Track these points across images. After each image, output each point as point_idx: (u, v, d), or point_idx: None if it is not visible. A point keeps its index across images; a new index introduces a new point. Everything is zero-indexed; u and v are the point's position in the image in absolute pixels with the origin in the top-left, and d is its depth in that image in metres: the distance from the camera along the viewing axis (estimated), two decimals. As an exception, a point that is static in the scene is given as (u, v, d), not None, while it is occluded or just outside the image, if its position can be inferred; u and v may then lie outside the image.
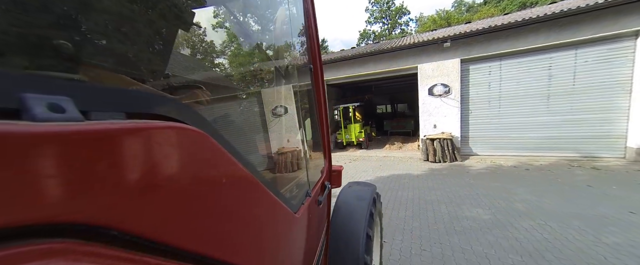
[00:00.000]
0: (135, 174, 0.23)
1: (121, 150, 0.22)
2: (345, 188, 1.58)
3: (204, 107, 0.62)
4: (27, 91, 0.18)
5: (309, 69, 1.18)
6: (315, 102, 1.27)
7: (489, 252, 2.31)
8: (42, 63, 0.25)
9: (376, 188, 1.65)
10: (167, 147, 0.27)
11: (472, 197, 3.82)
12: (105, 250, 0.21)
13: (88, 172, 0.19)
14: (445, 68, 6.85)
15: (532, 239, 2.49)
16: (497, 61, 6.42)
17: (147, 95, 0.34)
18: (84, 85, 0.27)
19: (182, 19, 0.45)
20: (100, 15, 0.30)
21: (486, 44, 6.31)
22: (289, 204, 0.68)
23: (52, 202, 0.17)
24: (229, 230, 0.39)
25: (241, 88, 1.05)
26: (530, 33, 5.82)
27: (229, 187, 0.38)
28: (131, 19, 0.34)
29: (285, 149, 1.08)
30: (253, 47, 0.86)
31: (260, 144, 1.07)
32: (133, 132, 0.23)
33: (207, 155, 0.33)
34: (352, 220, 1.26)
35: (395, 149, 9.16)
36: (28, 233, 0.17)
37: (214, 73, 1.06)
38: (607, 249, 2.23)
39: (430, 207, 3.53)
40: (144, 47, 0.38)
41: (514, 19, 6.07)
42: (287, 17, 1.03)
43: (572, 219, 2.88)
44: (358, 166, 6.73)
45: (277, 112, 1.15)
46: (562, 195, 3.64)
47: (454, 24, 21.73)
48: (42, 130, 0.17)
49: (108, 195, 0.21)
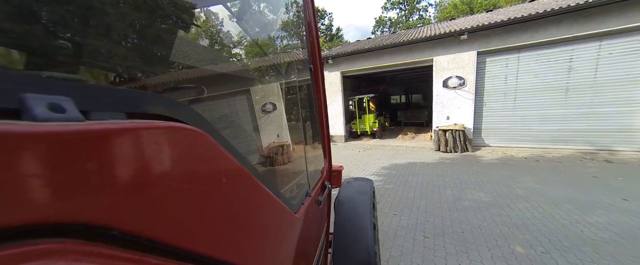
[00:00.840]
0: (135, 174, 0.23)
1: (121, 150, 0.22)
2: (344, 185, 1.60)
3: (204, 107, 0.61)
4: (27, 91, 0.18)
5: (309, 69, 1.17)
6: (316, 102, 1.26)
7: (482, 224, 2.77)
8: (42, 63, 0.25)
9: (373, 182, 1.69)
10: (167, 147, 0.27)
11: (477, 183, 4.20)
12: (105, 250, 0.21)
13: (88, 172, 0.19)
14: (461, 60, 6.95)
15: (522, 217, 2.90)
16: (515, 53, 6.42)
17: (147, 95, 0.34)
18: (84, 85, 0.27)
19: (182, 19, 0.45)
20: (101, 15, 0.30)
21: (505, 36, 6.31)
22: (289, 204, 0.68)
23: (52, 202, 0.18)
24: (228, 230, 0.39)
25: (241, 87, 1.05)
26: (551, 25, 5.76)
27: (229, 187, 0.38)
28: (131, 18, 0.35)
29: (285, 148, 1.10)
30: (253, 47, 0.88)
31: (259, 144, 1.08)
32: (133, 132, 0.23)
33: (207, 155, 0.33)
34: (358, 214, 1.27)
35: (408, 139, 9.47)
36: (28, 233, 0.17)
37: (214, 73, 0.92)
38: (587, 225, 2.61)
39: (437, 190, 3.99)
40: (144, 47, 0.39)
41: (536, 10, 6.00)
42: (287, 17, 1.03)
43: (565, 203, 3.23)
44: (372, 155, 7.20)
45: (266, 109, 1.19)
46: (565, 184, 3.93)
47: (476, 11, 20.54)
48: (42, 130, 0.17)
49: (108, 195, 0.21)
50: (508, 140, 6.88)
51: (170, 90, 0.48)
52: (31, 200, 0.17)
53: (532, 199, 3.40)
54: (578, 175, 4.33)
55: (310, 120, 1.30)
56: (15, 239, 0.16)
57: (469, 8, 21.24)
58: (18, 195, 0.16)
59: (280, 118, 1.21)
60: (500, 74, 6.71)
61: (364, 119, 10.00)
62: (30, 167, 0.16)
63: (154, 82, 0.43)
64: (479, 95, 7.02)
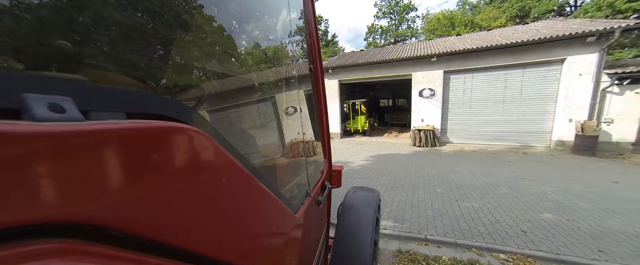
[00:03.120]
0: (135, 174, 0.23)
1: (121, 150, 0.22)
2: (350, 193, 1.59)
3: (203, 106, 0.59)
4: (27, 91, 0.18)
5: (309, 69, 1.18)
6: (316, 102, 1.27)
7: (426, 182, 4.83)
8: (42, 63, 0.24)
9: (379, 194, 1.68)
10: (167, 147, 0.27)
11: (433, 165, 6.30)
12: (105, 250, 0.21)
13: (88, 172, 0.19)
14: (432, 76, 9.10)
15: (449, 179, 4.99)
16: (470, 74, 8.65)
17: (147, 95, 0.34)
18: (84, 85, 0.27)
19: (183, 19, 0.44)
20: (101, 15, 0.30)
21: (463, 61, 8.51)
22: (288, 204, 0.68)
23: (52, 202, 0.17)
24: (228, 230, 0.39)
25: (239, 87, 0.94)
26: (493, 55, 8.01)
27: (229, 187, 0.38)
28: (132, 18, 0.34)
29: (285, 148, 1.05)
30: (253, 46, 0.82)
31: (259, 144, 0.98)
32: (133, 132, 0.23)
33: (207, 156, 0.33)
34: (360, 229, 1.27)
35: (392, 137, 11.60)
36: (28, 233, 0.17)
37: (213, 72, 0.77)
38: (482, 182, 4.73)
39: (406, 168, 6.03)
40: (144, 47, 0.37)
41: (483, 44, 8.23)
42: (287, 18, 1.00)
43: (479, 173, 5.36)
44: (363, 148, 9.23)
45: (288, 112, 1.13)
46: (487, 166, 6.09)
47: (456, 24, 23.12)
48: (42, 130, 0.17)
49: (108, 195, 0.21)
50: (465, 138, 9.13)
51: (171, 90, 0.47)
52: (31, 200, 0.16)
53: (460, 172, 5.52)
54: (499, 161, 6.54)
55: (311, 119, 1.30)
56: (16, 238, 0.16)
57: (450, 22, 23.86)
58: (18, 196, 0.16)
59: (281, 118, 1.17)
60: (460, 88, 8.93)
61: (357, 120, 12.04)
62: (31, 167, 0.16)
63: (155, 82, 0.42)
64: (445, 103, 9.21)
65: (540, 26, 8.96)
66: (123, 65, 0.34)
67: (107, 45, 0.32)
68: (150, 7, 0.38)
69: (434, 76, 9.06)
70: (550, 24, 8.99)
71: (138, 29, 0.35)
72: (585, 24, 7.52)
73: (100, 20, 0.30)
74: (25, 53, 0.24)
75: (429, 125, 9.33)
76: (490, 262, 2.47)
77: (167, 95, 0.44)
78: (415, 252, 2.68)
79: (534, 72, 7.74)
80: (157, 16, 0.39)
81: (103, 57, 0.31)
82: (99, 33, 0.30)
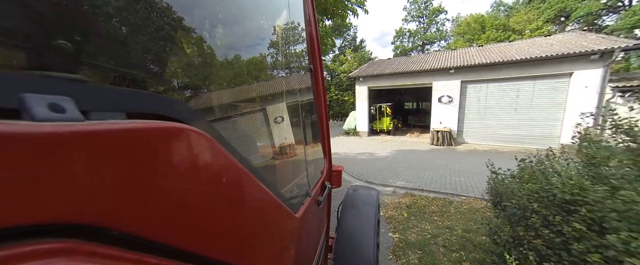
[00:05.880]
0: (135, 174, 0.23)
1: (121, 150, 0.22)
2: (350, 192, 1.59)
3: (202, 105, 0.58)
4: (27, 91, 0.18)
5: (309, 69, 1.17)
6: (316, 102, 1.27)
7: (436, 168, 6.65)
8: (42, 63, 0.24)
9: (379, 192, 1.74)
10: (167, 147, 0.27)
11: (443, 158, 7.99)
12: (105, 250, 0.21)
13: (88, 172, 0.19)
14: (451, 86, 10.56)
15: (451, 167, 6.72)
16: (485, 84, 9.96)
17: (147, 95, 0.34)
18: (84, 85, 0.27)
19: (183, 20, 0.44)
20: (101, 15, 0.30)
21: (479, 73, 9.86)
22: (288, 204, 0.68)
23: (52, 202, 0.17)
24: (228, 230, 0.39)
25: (240, 87, 0.91)
26: (507, 68, 9.26)
27: (229, 187, 0.38)
28: (132, 18, 0.34)
29: (285, 148, 1.04)
30: (253, 47, 0.80)
31: (259, 144, 0.99)
32: (133, 132, 0.23)
33: (206, 156, 0.33)
34: (362, 229, 1.29)
35: (414, 136, 13.17)
36: (29, 233, 0.17)
37: (213, 72, 0.80)
38: (478, 170, 6.40)
39: (421, 160, 7.84)
40: (145, 47, 0.37)
41: (498, 59, 9.51)
42: (287, 19, 1.00)
43: (480, 166, 6.97)
44: (386, 145, 11.08)
45: (288, 113, 1.09)
46: (489, 160, 7.60)
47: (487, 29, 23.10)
48: (42, 130, 0.17)
49: (108, 195, 0.21)
50: (479, 139, 10.43)
51: (171, 90, 0.46)
52: (31, 200, 0.16)
53: (463, 163, 7.16)
54: (504, 159, 7.93)
55: (311, 119, 1.31)
56: (16, 238, 0.16)
57: (480, 26, 23.89)
58: (18, 196, 0.16)
59: (282, 118, 1.16)
60: (476, 95, 10.26)
61: (382, 121, 13.84)
62: (31, 167, 0.16)
63: (155, 82, 0.41)
64: (462, 108, 10.60)
65: (554, 41, 9.83)
66: (123, 65, 0.33)
67: (107, 45, 0.31)
68: (151, 7, 0.38)
69: (452, 85, 10.51)
70: (566, 39, 9.81)
71: (139, 28, 0.35)
72: (597, 41, 8.40)
73: (101, 19, 0.30)
74: (25, 53, 0.23)
75: (446, 127, 10.80)
76: (457, 200, 4.41)
77: (167, 96, 0.44)
78: (414, 194, 4.78)
79: (544, 83, 8.83)
80: (158, 16, 0.40)
81: (103, 57, 0.30)
82: (99, 33, 0.30)
